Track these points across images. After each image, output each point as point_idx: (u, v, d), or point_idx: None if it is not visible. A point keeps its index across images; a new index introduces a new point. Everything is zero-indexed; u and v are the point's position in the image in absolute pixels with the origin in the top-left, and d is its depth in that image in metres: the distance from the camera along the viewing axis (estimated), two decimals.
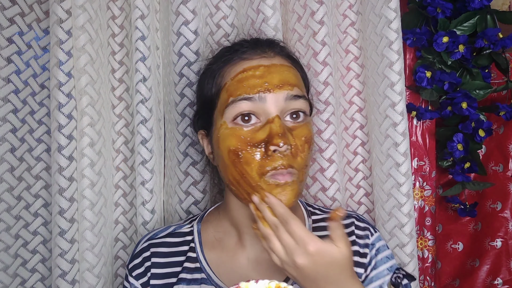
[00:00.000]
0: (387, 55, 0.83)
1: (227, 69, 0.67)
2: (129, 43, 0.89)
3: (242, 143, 0.62)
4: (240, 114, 0.63)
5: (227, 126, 0.64)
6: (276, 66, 0.65)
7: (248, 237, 0.70)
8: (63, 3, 0.77)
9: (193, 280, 0.68)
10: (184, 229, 0.74)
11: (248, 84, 0.63)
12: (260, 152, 0.61)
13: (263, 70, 0.64)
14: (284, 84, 0.63)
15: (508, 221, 1.07)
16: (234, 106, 0.63)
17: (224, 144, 0.64)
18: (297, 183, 0.62)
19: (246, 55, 0.67)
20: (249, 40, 0.72)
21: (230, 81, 0.65)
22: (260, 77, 0.63)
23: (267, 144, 0.61)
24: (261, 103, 0.62)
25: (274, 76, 0.64)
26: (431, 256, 1.00)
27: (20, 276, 0.84)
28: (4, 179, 0.82)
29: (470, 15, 0.98)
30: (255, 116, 0.63)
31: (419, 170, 1.01)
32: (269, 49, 0.68)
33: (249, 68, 0.65)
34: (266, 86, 0.63)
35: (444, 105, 0.99)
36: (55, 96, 0.78)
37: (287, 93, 0.63)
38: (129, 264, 0.72)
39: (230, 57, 0.68)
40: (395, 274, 0.69)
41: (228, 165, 0.64)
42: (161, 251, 0.71)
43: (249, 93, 0.62)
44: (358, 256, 0.70)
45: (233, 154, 0.62)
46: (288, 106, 0.64)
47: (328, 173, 0.88)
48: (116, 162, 0.90)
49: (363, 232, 0.72)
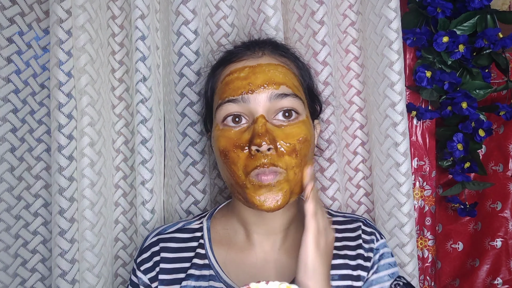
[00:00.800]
0: (387, 55, 0.83)
1: (219, 73, 0.70)
2: (129, 43, 0.89)
3: (230, 143, 0.63)
4: (229, 116, 0.64)
5: (219, 127, 0.66)
6: (262, 66, 0.66)
7: (256, 236, 0.70)
8: (63, 3, 0.77)
9: (201, 276, 0.69)
10: (194, 225, 0.74)
11: (233, 86, 0.65)
12: (245, 152, 0.63)
13: (247, 71, 0.65)
14: (269, 83, 0.64)
15: (508, 221, 1.07)
16: (221, 108, 0.65)
17: (216, 145, 0.66)
18: (284, 182, 0.62)
19: (236, 57, 0.68)
20: (246, 42, 0.73)
21: (220, 85, 0.68)
22: (244, 79, 0.64)
23: (250, 144, 0.62)
24: (246, 104, 0.63)
25: (258, 76, 0.64)
26: (431, 256, 1.00)
27: (20, 276, 0.84)
28: (4, 179, 0.82)
29: (470, 15, 0.98)
30: (243, 117, 0.64)
31: (419, 170, 1.01)
32: (258, 48, 0.69)
33: (234, 70, 0.66)
34: (250, 87, 0.64)
35: (444, 105, 0.99)
36: (55, 96, 0.78)
37: (271, 92, 0.63)
38: (137, 258, 0.72)
39: (224, 60, 0.70)
40: (395, 281, 0.69)
41: (220, 165, 0.67)
42: (171, 246, 0.72)
43: (233, 95, 0.64)
44: (361, 260, 0.70)
45: (223, 155, 0.64)
46: (275, 105, 0.64)
47: (328, 172, 0.88)
48: (116, 162, 0.90)
49: (369, 237, 0.72)
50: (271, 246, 0.70)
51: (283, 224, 0.69)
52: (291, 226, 0.70)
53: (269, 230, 0.69)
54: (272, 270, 0.69)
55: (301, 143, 0.63)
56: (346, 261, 0.69)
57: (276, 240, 0.70)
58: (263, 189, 0.61)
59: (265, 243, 0.70)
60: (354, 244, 0.71)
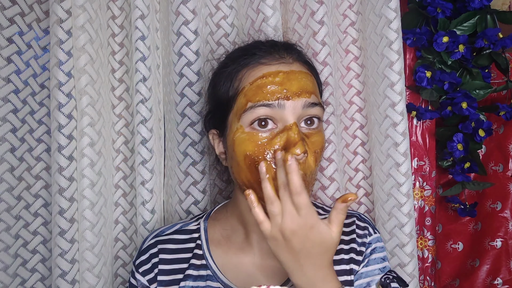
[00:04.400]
0: (387, 55, 0.83)
1: (245, 73, 0.67)
2: (129, 43, 0.89)
3: (259, 148, 0.63)
4: (258, 119, 0.63)
5: (244, 130, 0.64)
6: (295, 73, 0.65)
7: (255, 236, 0.70)
8: (63, 3, 0.77)
9: (199, 276, 0.69)
10: (191, 226, 0.75)
11: (268, 90, 0.63)
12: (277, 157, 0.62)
13: (282, 77, 0.64)
14: (303, 91, 0.64)
15: (508, 221, 1.07)
16: (253, 111, 0.63)
17: (239, 148, 0.64)
18: (307, 183, 0.64)
19: (264, 59, 0.67)
20: (265, 43, 0.71)
21: (249, 86, 0.65)
22: (279, 84, 0.64)
23: (286, 151, 0.61)
24: (280, 110, 0.63)
25: (293, 84, 0.64)
26: (431, 256, 1.00)
27: (20, 276, 0.84)
28: (4, 179, 0.82)
29: (470, 15, 0.98)
30: (272, 121, 0.63)
31: (419, 170, 1.01)
32: (287, 54, 0.68)
33: (268, 74, 0.65)
34: (285, 93, 0.63)
35: (444, 105, 0.99)
36: (55, 96, 0.78)
37: (305, 100, 0.64)
38: (136, 261, 0.73)
39: (247, 61, 0.68)
40: (385, 275, 0.70)
41: (243, 169, 0.65)
42: (169, 247, 0.72)
43: (268, 99, 0.63)
44: (354, 254, 0.70)
45: (250, 159, 0.63)
46: (305, 113, 0.64)
47: (328, 172, 0.88)
48: (116, 162, 0.90)
49: (362, 232, 0.73)
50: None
51: None
52: None
53: None
54: (270, 270, 0.69)
55: (322, 150, 0.66)
56: (342, 256, 0.70)
57: None
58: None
59: (263, 243, 0.70)
60: (348, 239, 0.72)
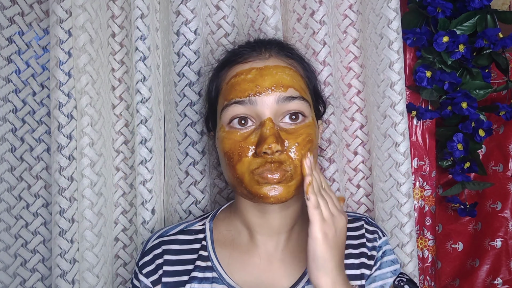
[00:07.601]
0: (387, 55, 0.83)
1: (224, 73, 0.69)
2: (129, 43, 0.89)
3: (235, 146, 0.63)
4: (235, 118, 0.64)
5: (224, 129, 0.65)
6: (269, 68, 0.65)
7: (259, 237, 0.70)
8: (63, 3, 0.77)
9: (204, 278, 0.68)
10: (196, 226, 0.74)
11: (240, 88, 0.64)
12: (251, 154, 0.62)
13: (254, 73, 0.64)
14: (277, 86, 0.63)
15: (508, 221, 1.06)
16: (228, 109, 0.64)
17: (220, 147, 0.65)
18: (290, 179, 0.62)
19: (241, 58, 0.67)
20: (251, 42, 0.72)
21: (225, 85, 0.67)
22: (251, 81, 0.64)
23: (257, 147, 0.61)
24: (253, 106, 0.63)
25: (266, 79, 0.64)
26: (431, 256, 1.00)
27: (20, 276, 0.84)
28: (4, 179, 0.82)
29: (470, 15, 0.98)
30: (250, 119, 0.64)
31: (419, 170, 1.01)
32: (265, 49, 0.68)
33: (241, 72, 0.65)
34: (257, 89, 0.63)
35: (444, 105, 0.99)
36: (55, 96, 0.78)
37: (279, 95, 0.63)
38: (139, 262, 0.71)
39: (229, 61, 0.69)
40: (398, 277, 0.70)
41: (224, 166, 0.66)
42: (173, 248, 0.71)
43: (240, 96, 0.63)
44: (365, 258, 0.70)
45: (227, 157, 0.64)
46: (283, 108, 0.63)
47: (328, 172, 0.88)
48: (116, 162, 0.90)
49: (372, 236, 0.73)
50: (274, 247, 0.69)
51: (287, 224, 0.69)
52: (294, 227, 0.70)
53: (272, 231, 0.69)
54: (276, 271, 0.68)
55: (309, 146, 0.63)
56: (352, 261, 0.70)
57: (280, 241, 0.70)
58: (269, 185, 0.61)
59: (268, 244, 0.69)
60: (357, 243, 0.71)
